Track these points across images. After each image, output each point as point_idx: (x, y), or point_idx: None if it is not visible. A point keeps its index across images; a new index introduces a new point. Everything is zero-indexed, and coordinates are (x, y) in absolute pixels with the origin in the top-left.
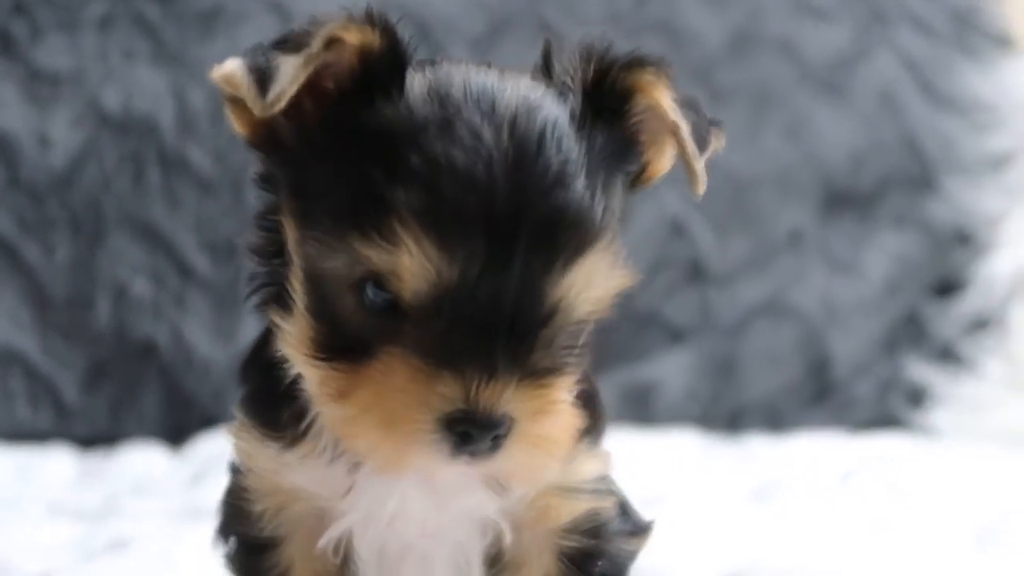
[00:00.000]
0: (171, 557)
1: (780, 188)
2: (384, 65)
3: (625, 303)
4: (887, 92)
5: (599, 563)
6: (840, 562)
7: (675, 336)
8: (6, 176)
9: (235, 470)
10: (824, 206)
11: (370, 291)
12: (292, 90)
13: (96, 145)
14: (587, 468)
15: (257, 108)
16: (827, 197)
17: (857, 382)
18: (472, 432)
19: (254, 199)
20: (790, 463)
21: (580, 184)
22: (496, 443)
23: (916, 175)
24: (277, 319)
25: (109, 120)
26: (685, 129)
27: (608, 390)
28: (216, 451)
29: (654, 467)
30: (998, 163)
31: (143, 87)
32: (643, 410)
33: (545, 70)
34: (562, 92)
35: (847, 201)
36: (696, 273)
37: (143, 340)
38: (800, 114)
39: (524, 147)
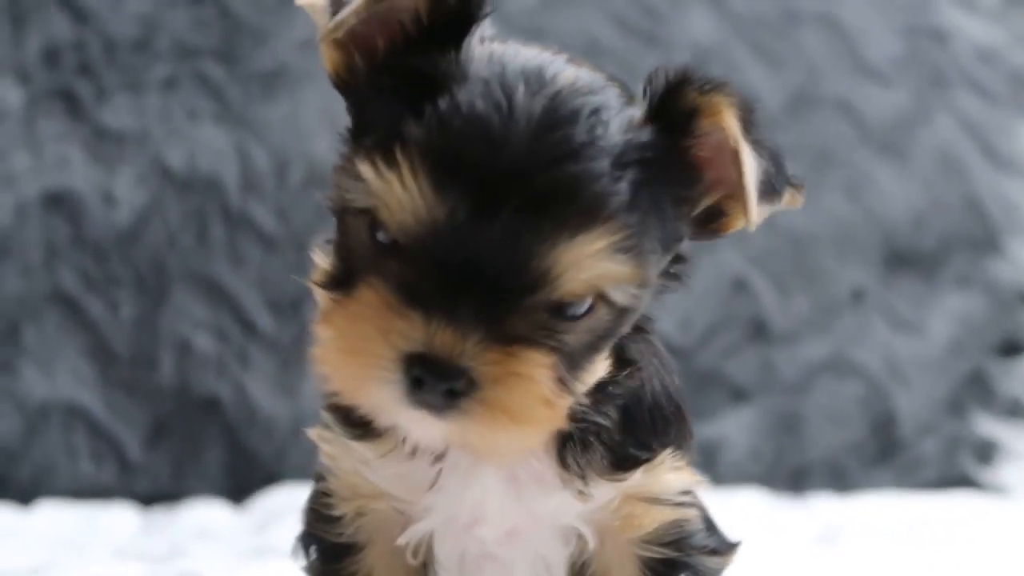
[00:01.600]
0: None
1: (841, 247)
2: (451, 19)
3: (688, 362)
4: (947, 153)
5: (682, 574)
6: None
7: (738, 394)
8: (71, 234)
9: (318, 477)
10: (886, 265)
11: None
12: (351, 20)
13: (160, 203)
14: (671, 479)
15: (320, 33)
16: (889, 256)
17: (923, 440)
18: (424, 378)
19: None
20: (854, 518)
21: (598, 167)
22: (452, 400)
23: (978, 236)
24: (316, 258)
25: (173, 178)
26: (748, 161)
27: None
28: (279, 505)
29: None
30: None
31: (207, 146)
32: (708, 468)
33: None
34: (629, 97)
35: (909, 261)
36: (759, 331)
37: (206, 397)
38: (860, 174)
39: (553, 117)
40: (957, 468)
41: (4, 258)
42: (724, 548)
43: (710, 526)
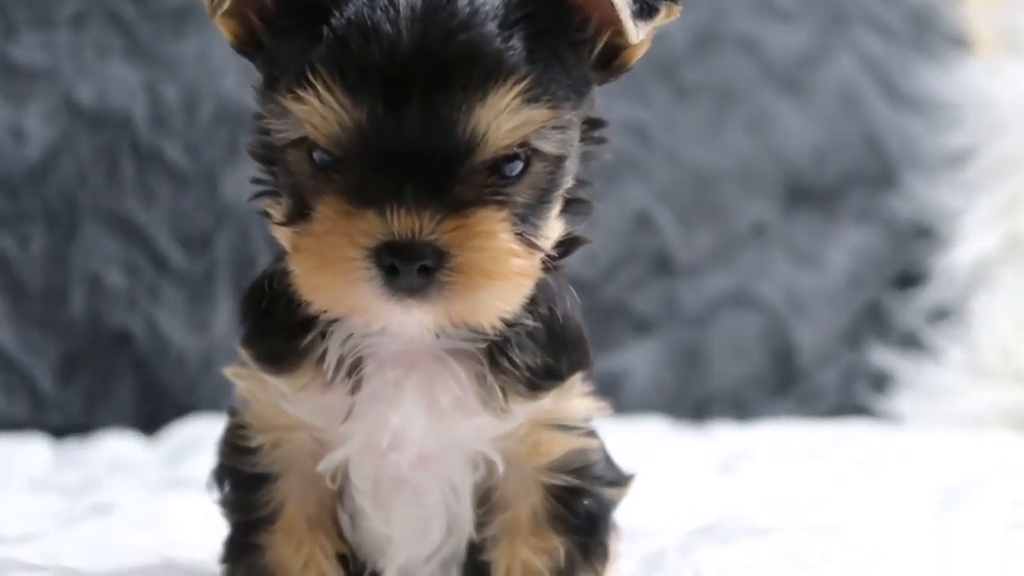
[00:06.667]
0: (156, 519)
1: (744, 182)
2: None
3: (593, 295)
4: (848, 90)
5: (585, 501)
6: (807, 519)
7: (642, 327)
8: None
9: (233, 411)
10: (787, 200)
11: (316, 153)
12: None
13: (70, 139)
14: (579, 405)
15: (209, 11)
16: (790, 192)
17: (821, 371)
18: (397, 263)
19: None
20: (755, 446)
21: (487, 30)
22: (429, 277)
23: (877, 171)
24: (269, 208)
25: (83, 114)
26: None
27: None
28: (190, 437)
29: (622, 449)
30: (956, 160)
31: (117, 82)
32: (611, 400)
33: None
34: None
35: (810, 196)
36: (662, 265)
37: (117, 331)
38: (763, 111)
39: (434, 2)
40: (854, 398)
41: None
42: (622, 480)
43: (608, 458)
